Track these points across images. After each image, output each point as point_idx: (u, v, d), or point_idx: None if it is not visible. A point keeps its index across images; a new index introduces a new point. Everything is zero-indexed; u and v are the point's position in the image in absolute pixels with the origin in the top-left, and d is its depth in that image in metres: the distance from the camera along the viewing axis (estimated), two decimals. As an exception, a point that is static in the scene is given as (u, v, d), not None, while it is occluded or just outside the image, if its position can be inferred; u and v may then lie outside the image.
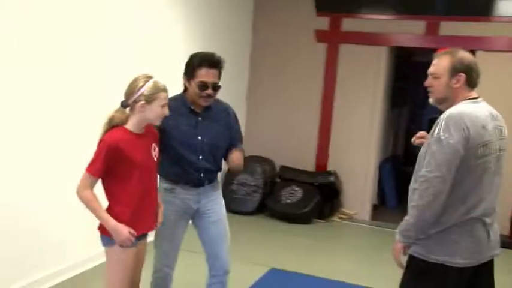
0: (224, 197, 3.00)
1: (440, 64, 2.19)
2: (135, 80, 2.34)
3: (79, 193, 2.25)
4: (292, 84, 6.25)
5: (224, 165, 2.89)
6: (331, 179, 5.78)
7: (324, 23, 6.07)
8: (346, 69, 6.01)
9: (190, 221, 2.87)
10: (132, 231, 2.31)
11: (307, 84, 6.19)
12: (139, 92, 2.30)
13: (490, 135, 2.09)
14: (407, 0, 5.81)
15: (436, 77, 2.20)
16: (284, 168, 6.08)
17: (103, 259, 2.53)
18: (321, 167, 6.11)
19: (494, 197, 2.19)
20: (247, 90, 6.52)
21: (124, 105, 2.35)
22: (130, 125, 2.35)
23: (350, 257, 4.80)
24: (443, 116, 2.10)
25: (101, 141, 2.28)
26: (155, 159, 2.48)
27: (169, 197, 2.74)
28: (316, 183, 5.77)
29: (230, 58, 5.94)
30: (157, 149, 2.50)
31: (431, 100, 2.25)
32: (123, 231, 2.27)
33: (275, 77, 6.33)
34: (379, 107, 6.00)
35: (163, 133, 2.63)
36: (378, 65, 5.92)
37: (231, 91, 6.20)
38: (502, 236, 2.46)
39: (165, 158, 2.68)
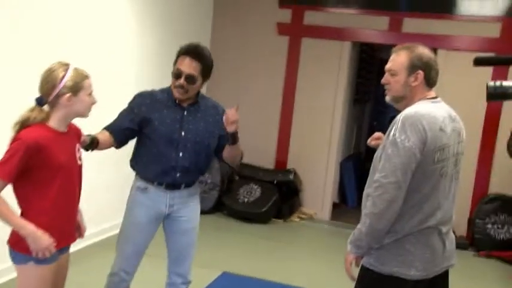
0: None
1: (397, 60, 2.05)
2: (52, 71, 2.02)
3: None
4: (253, 79, 6.07)
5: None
6: (291, 177, 5.62)
7: (286, 15, 5.89)
8: (308, 63, 5.85)
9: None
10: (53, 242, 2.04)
11: (268, 79, 6.02)
12: (62, 84, 2.00)
13: (448, 138, 1.96)
14: (371, -6, 5.70)
15: (393, 73, 2.05)
16: (243, 165, 5.86)
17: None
18: (281, 164, 5.94)
19: (451, 204, 2.06)
20: (206, 85, 6.27)
21: (42, 102, 2.03)
22: (53, 122, 2.05)
23: (308, 260, 4.63)
24: (399, 117, 1.95)
25: (15, 139, 1.96)
26: (79, 161, 2.18)
27: (140, 197, 2.55)
28: (275, 182, 5.59)
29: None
30: (81, 150, 2.22)
31: (387, 98, 2.11)
32: (44, 237, 1.95)
33: (235, 72, 6.11)
34: (341, 103, 5.86)
35: (146, 124, 2.49)
36: (341, 61, 5.77)
37: None
38: (459, 237, 2.33)
39: (142, 152, 2.52)
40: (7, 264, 2.15)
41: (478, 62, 3.77)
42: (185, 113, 2.56)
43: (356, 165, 6.72)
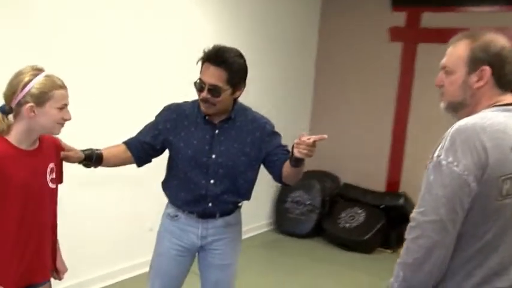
0: (276, 215, 2.35)
1: (454, 53, 1.50)
2: (18, 74, 1.73)
3: None
4: (362, 89, 5.53)
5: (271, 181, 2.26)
6: (400, 201, 4.91)
7: (399, 19, 5.27)
8: (425, 72, 5.11)
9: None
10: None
11: (379, 89, 5.42)
12: (25, 91, 1.69)
13: None
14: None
15: (448, 71, 1.51)
16: (347, 186, 5.33)
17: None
18: (392, 185, 5.27)
19: None
20: (312, 97, 5.91)
21: (5, 110, 1.73)
22: (13, 136, 1.73)
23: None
24: (449, 130, 1.42)
25: None
26: (50, 184, 1.84)
27: (170, 225, 2.26)
28: (383, 206, 4.93)
29: (293, 62, 5.59)
30: (55, 171, 1.88)
31: (442, 106, 1.56)
32: None
33: (342, 82, 5.66)
34: None
35: (169, 145, 2.20)
36: None
37: (294, 97, 5.71)
38: None
39: (172, 174, 2.23)
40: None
41: None
42: (216, 131, 2.18)
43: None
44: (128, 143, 2.22)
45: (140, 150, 2.21)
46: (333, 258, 4.67)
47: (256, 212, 5.33)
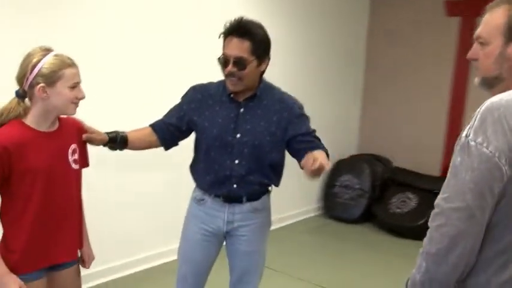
0: (325, 200, 2.27)
1: (490, 22, 1.34)
2: (27, 56, 1.71)
3: None
4: (416, 69, 5.28)
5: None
6: (456, 186, 4.65)
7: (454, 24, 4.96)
8: None
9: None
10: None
11: (435, 69, 5.15)
12: (35, 71, 1.68)
13: None
14: None
15: (482, 42, 1.35)
16: (398, 170, 5.12)
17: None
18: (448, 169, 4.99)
19: None
20: (363, 77, 5.71)
21: (21, 95, 1.73)
22: (29, 119, 1.74)
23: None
24: (479, 108, 1.27)
25: None
26: (74, 165, 1.84)
27: (196, 210, 2.22)
28: (437, 191, 4.69)
29: (343, 42, 5.46)
30: (78, 152, 1.87)
31: (476, 81, 1.41)
32: (10, 284, 1.68)
33: (395, 61, 5.42)
34: None
35: (194, 125, 2.16)
36: None
37: (344, 77, 5.56)
38: None
39: (198, 157, 2.20)
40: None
41: None
42: (241, 110, 2.12)
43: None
44: (154, 125, 2.20)
45: (166, 132, 2.18)
46: (383, 244, 4.52)
47: (304, 196, 5.30)
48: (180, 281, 2.30)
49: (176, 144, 2.26)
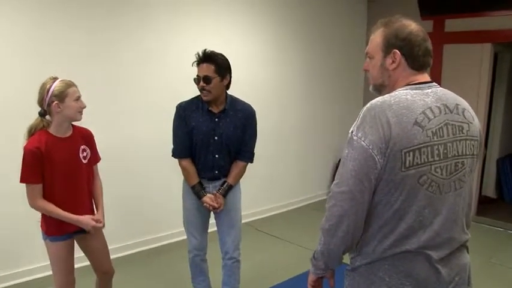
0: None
1: (373, 40, 1.60)
2: (42, 85, 2.33)
3: (33, 206, 2.32)
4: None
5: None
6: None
7: (428, 25, 6.01)
8: (450, 68, 5.90)
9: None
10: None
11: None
12: (50, 93, 2.28)
13: (430, 135, 1.43)
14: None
15: (369, 57, 1.62)
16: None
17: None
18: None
19: (452, 223, 1.51)
20: (364, 78, 6.15)
21: (42, 114, 2.34)
22: (52, 129, 2.34)
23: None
24: (363, 108, 1.49)
25: (23, 150, 2.27)
26: (84, 160, 2.45)
27: (187, 187, 2.95)
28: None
29: (343, 42, 5.92)
30: (88, 151, 2.48)
31: (370, 88, 1.67)
32: (86, 221, 2.39)
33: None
34: (502, 105, 5.96)
35: (191, 131, 2.83)
36: (482, 64, 5.68)
37: (345, 78, 6.01)
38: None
39: (194, 158, 2.91)
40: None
41: None
42: (216, 119, 2.80)
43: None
44: (184, 155, 2.88)
45: (190, 150, 2.88)
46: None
47: (320, 178, 6.02)
48: (189, 239, 3.02)
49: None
